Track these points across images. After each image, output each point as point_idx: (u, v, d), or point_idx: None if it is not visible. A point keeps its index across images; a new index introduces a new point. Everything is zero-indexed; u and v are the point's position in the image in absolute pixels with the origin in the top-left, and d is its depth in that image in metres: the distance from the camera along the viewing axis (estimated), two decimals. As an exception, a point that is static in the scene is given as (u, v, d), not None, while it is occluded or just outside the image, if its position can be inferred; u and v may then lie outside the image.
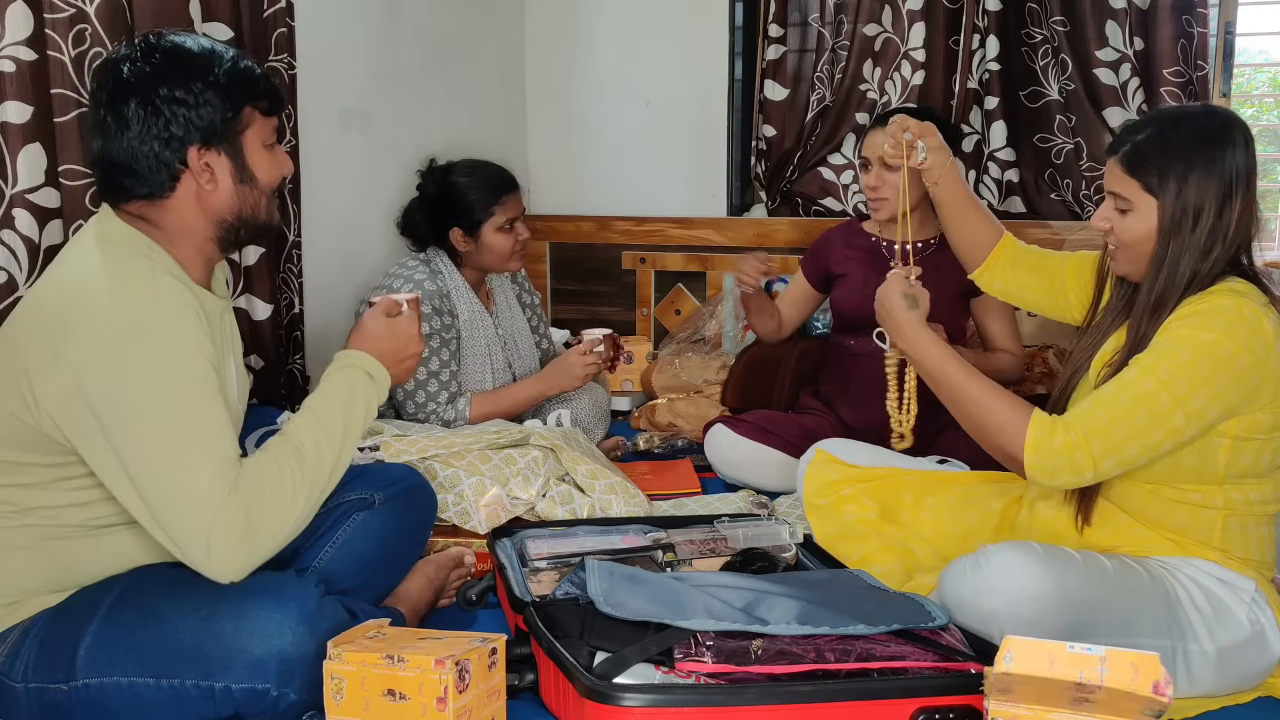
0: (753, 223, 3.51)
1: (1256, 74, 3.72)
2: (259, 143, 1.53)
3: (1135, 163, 1.59)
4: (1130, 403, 1.51)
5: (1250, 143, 1.58)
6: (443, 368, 2.50)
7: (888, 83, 3.31)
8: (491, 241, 2.57)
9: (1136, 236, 1.60)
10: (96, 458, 1.38)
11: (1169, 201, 1.56)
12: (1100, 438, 1.51)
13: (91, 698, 1.40)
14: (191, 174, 1.48)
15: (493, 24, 3.52)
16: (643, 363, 3.38)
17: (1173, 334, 1.53)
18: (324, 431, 1.49)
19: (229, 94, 1.48)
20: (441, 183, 2.61)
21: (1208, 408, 1.50)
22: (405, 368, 1.65)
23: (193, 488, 1.35)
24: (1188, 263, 1.56)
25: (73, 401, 1.35)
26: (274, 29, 2.37)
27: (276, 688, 1.37)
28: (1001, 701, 1.12)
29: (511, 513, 2.14)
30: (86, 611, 1.43)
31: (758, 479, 2.48)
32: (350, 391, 1.55)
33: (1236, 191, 1.55)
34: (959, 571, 1.56)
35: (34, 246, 1.86)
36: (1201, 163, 1.54)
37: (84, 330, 1.36)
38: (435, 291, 2.51)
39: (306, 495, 1.44)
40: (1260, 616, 1.56)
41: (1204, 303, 1.54)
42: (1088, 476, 1.54)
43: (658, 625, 1.42)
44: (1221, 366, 1.49)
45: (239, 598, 1.39)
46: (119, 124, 1.45)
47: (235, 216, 1.53)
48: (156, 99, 1.44)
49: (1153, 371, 1.51)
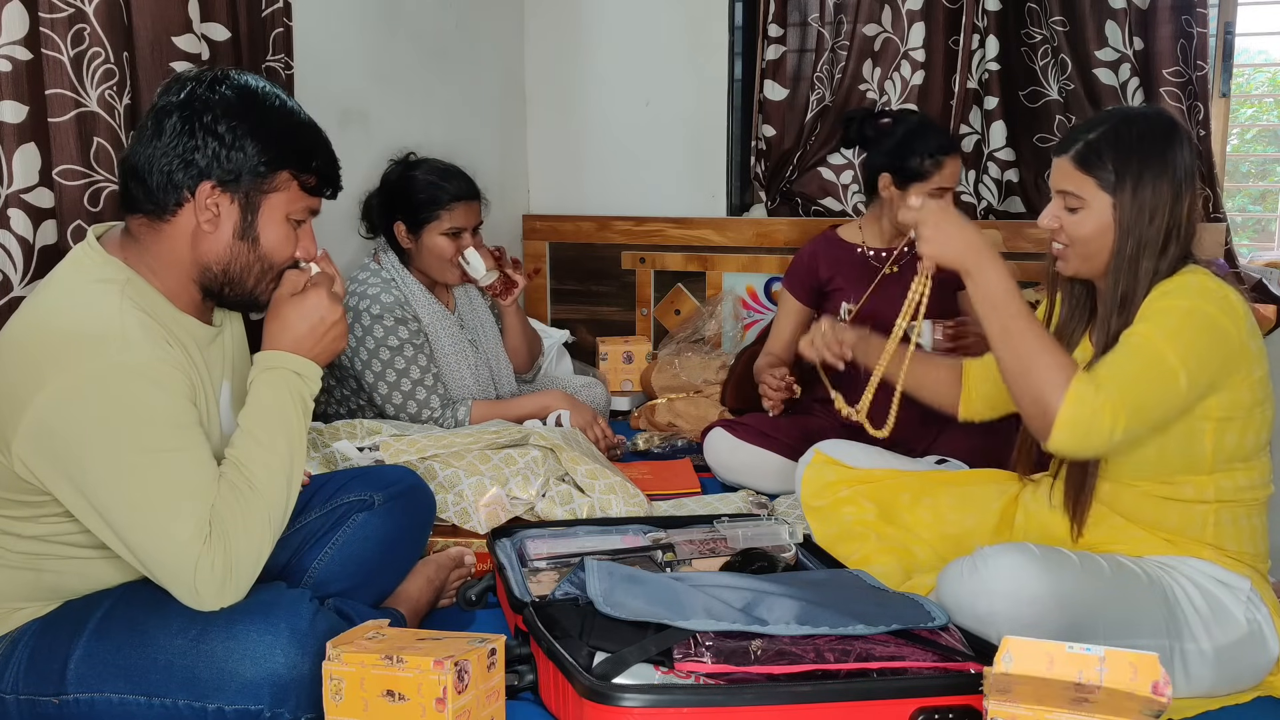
0: (752, 223, 3.51)
1: (1256, 74, 3.72)
2: (283, 212, 1.49)
3: (1089, 160, 1.61)
4: (1144, 363, 1.51)
5: (1192, 143, 1.62)
6: (424, 373, 2.47)
7: (887, 83, 3.31)
8: (431, 244, 2.51)
9: (1087, 234, 1.62)
10: (69, 501, 1.36)
11: (1126, 199, 1.58)
12: (1130, 398, 1.49)
13: (82, 712, 1.38)
14: (195, 207, 1.44)
15: (492, 24, 3.52)
16: (642, 363, 3.38)
17: (1155, 306, 1.55)
18: (268, 452, 1.43)
19: (271, 150, 1.44)
20: (401, 174, 2.57)
21: (1201, 371, 1.51)
22: (330, 340, 1.51)
23: (174, 535, 1.33)
24: (1148, 260, 1.58)
25: (41, 448, 1.33)
26: (272, 29, 2.37)
27: (270, 709, 1.36)
28: (1001, 702, 1.12)
29: (511, 512, 2.14)
30: (76, 625, 1.41)
31: (757, 482, 2.47)
32: (279, 399, 1.47)
33: (1186, 190, 1.59)
34: (957, 574, 1.56)
35: (29, 247, 1.86)
36: (1155, 162, 1.58)
37: (47, 379, 1.32)
38: (393, 302, 2.45)
39: (268, 519, 1.41)
40: (1257, 615, 1.56)
41: (1172, 282, 1.57)
42: (1116, 440, 1.50)
43: (657, 625, 1.42)
44: (1205, 329, 1.51)
45: (229, 619, 1.37)
46: (155, 131, 1.43)
47: (222, 270, 1.48)
48: (197, 123, 1.42)
49: (1153, 337, 1.52)
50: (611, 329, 3.63)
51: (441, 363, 2.54)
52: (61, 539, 1.43)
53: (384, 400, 2.45)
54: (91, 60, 1.93)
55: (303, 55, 2.50)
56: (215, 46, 2.20)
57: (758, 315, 3.46)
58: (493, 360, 2.70)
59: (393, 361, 2.44)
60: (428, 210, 2.51)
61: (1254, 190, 3.85)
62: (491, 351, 2.71)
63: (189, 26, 2.10)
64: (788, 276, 2.70)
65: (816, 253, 2.65)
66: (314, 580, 1.69)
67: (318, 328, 1.50)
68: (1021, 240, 3.12)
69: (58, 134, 1.89)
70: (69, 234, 1.92)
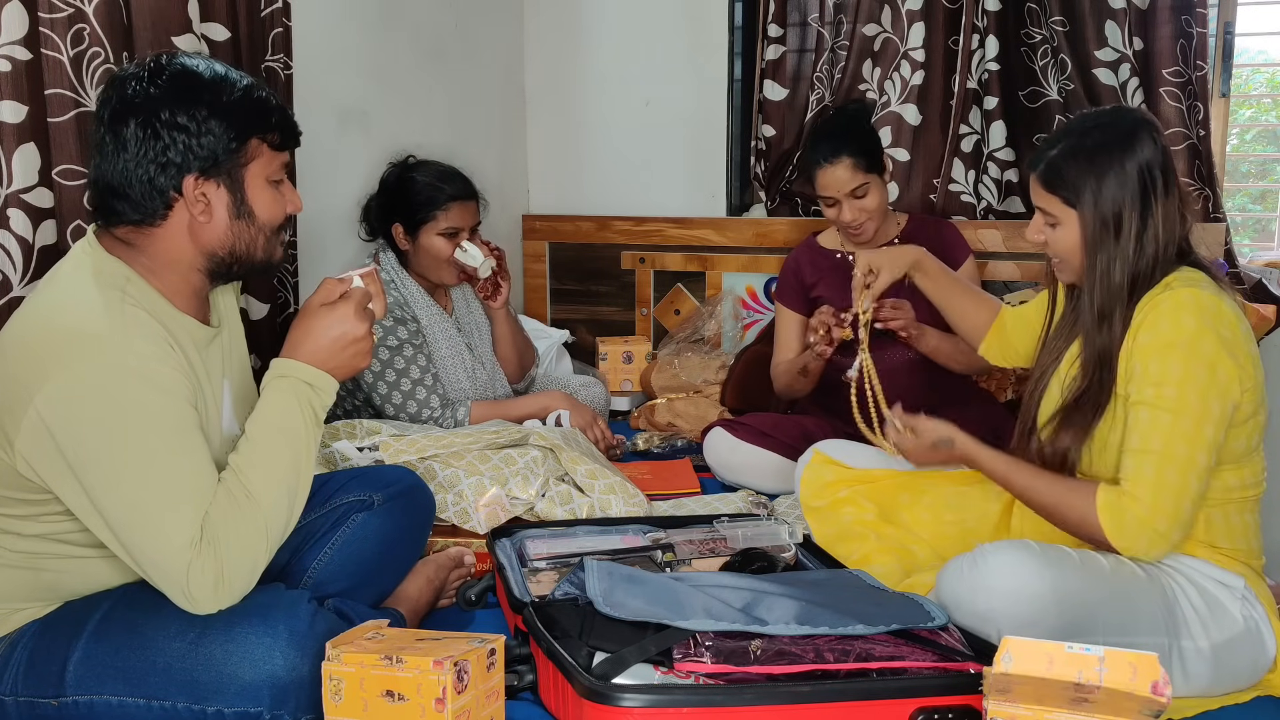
0: (752, 223, 3.51)
1: (1255, 74, 3.72)
2: (263, 178, 1.48)
3: (1051, 179, 1.62)
4: (1164, 445, 1.51)
5: (1159, 138, 1.59)
6: (424, 373, 2.47)
7: (887, 83, 3.31)
8: (428, 245, 2.51)
9: (1068, 248, 1.64)
10: (71, 500, 1.36)
11: (1088, 214, 1.59)
12: (1165, 493, 1.51)
13: (81, 715, 1.38)
14: (185, 203, 1.43)
15: (492, 24, 3.51)
16: (642, 363, 3.38)
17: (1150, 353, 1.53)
18: (270, 461, 1.42)
19: (235, 124, 1.42)
20: (399, 176, 2.57)
21: (1224, 406, 1.51)
22: (350, 356, 1.49)
23: (168, 538, 1.33)
24: (1121, 269, 1.58)
25: (43, 445, 1.33)
26: (271, 29, 2.37)
27: (270, 711, 1.36)
28: (1000, 702, 1.12)
29: (511, 512, 2.14)
30: (75, 627, 1.41)
31: (758, 482, 2.47)
32: (287, 408, 1.45)
33: (1153, 190, 1.57)
34: (956, 570, 1.56)
35: (28, 247, 1.86)
36: (1112, 170, 1.57)
37: (48, 379, 1.32)
38: (392, 303, 2.47)
39: (264, 529, 1.40)
40: (1253, 613, 1.56)
41: (1161, 303, 1.55)
42: (1175, 536, 1.53)
43: (657, 625, 1.42)
44: (1212, 361, 1.51)
45: (227, 621, 1.37)
46: (117, 145, 1.41)
47: (227, 252, 1.48)
48: (157, 122, 1.39)
49: (1161, 404, 1.52)
50: (611, 329, 3.62)
51: (438, 365, 2.54)
52: (61, 538, 1.43)
53: (384, 400, 2.45)
54: (91, 60, 1.93)
55: (302, 55, 2.50)
56: (215, 46, 2.20)
57: (757, 315, 3.46)
58: (489, 364, 2.70)
59: (392, 361, 2.44)
60: (425, 211, 2.51)
61: (1254, 190, 3.85)
62: (488, 356, 2.71)
63: (189, 26, 2.10)
64: (779, 289, 2.73)
65: (799, 259, 2.69)
66: (313, 580, 1.70)
67: (338, 342, 1.48)
68: (1021, 240, 3.11)
69: (57, 134, 1.89)
70: (69, 234, 1.92)
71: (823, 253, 2.65)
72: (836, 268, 2.60)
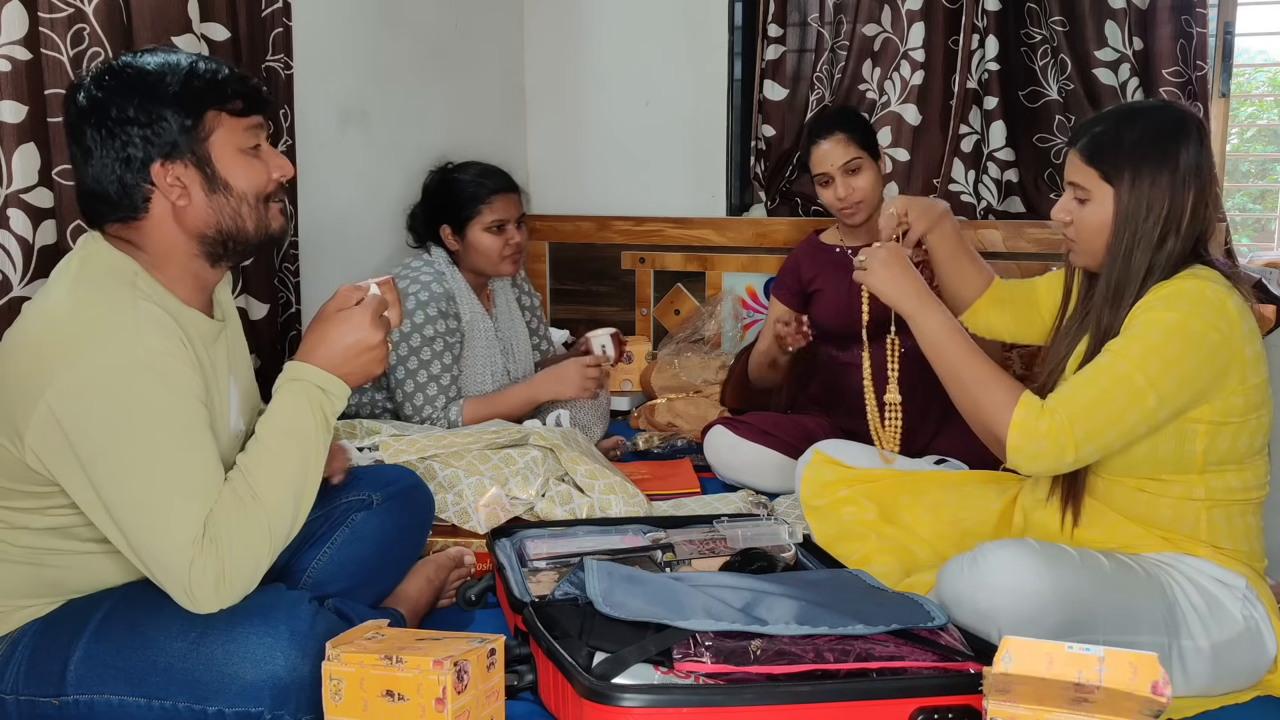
0: (752, 223, 3.51)
1: (1256, 74, 3.72)
2: (232, 147, 1.46)
3: (1094, 152, 1.63)
4: (1107, 385, 1.53)
5: (1204, 139, 1.62)
6: (444, 371, 2.49)
7: (887, 83, 3.31)
8: (478, 241, 2.55)
9: (1094, 227, 1.64)
10: (79, 494, 1.36)
11: (1124, 191, 1.60)
12: (1083, 421, 1.53)
13: (82, 714, 1.38)
14: (161, 192, 1.43)
15: (492, 24, 3.52)
16: (642, 363, 3.38)
17: (1141, 318, 1.56)
18: (278, 463, 1.42)
19: (184, 102, 1.42)
20: (439, 180, 2.62)
21: (1180, 390, 1.52)
22: (364, 363, 1.50)
23: (172, 535, 1.33)
24: (1142, 253, 1.59)
25: (53, 439, 1.33)
26: (271, 29, 2.37)
27: (270, 711, 1.36)
28: (1000, 702, 1.12)
29: (511, 512, 2.14)
30: (76, 626, 1.41)
31: (758, 481, 2.48)
32: (298, 411, 1.45)
33: (1189, 185, 1.59)
34: (957, 568, 1.56)
35: (28, 247, 1.86)
36: (1155, 156, 1.59)
37: (59, 372, 1.32)
38: (442, 294, 2.50)
39: (268, 531, 1.40)
40: (1253, 613, 1.56)
41: (1168, 287, 1.57)
42: (1068, 461, 1.55)
43: (657, 625, 1.42)
44: (1190, 346, 1.51)
45: (228, 621, 1.37)
46: (82, 152, 1.42)
47: (215, 230, 1.46)
48: (110, 121, 1.40)
49: (1125, 355, 1.53)
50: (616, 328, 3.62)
51: (467, 361, 2.57)
52: (66, 532, 1.43)
53: (397, 385, 2.47)
54: (91, 60, 1.93)
55: (302, 55, 2.50)
56: (215, 46, 2.20)
57: (757, 315, 3.46)
58: (514, 371, 2.72)
59: (420, 350, 2.45)
60: (470, 207, 2.55)
61: (1254, 190, 3.85)
62: (518, 362, 2.74)
63: (189, 26, 2.10)
64: (776, 283, 2.76)
65: (800, 257, 2.71)
66: (313, 580, 1.70)
67: (352, 349, 1.49)
68: (1021, 240, 3.12)
69: (57, 134, 1.89)
70: (69, 234, 1.92)
71: (823, 248, 2.66)
72: (836, 262, 2.60)
